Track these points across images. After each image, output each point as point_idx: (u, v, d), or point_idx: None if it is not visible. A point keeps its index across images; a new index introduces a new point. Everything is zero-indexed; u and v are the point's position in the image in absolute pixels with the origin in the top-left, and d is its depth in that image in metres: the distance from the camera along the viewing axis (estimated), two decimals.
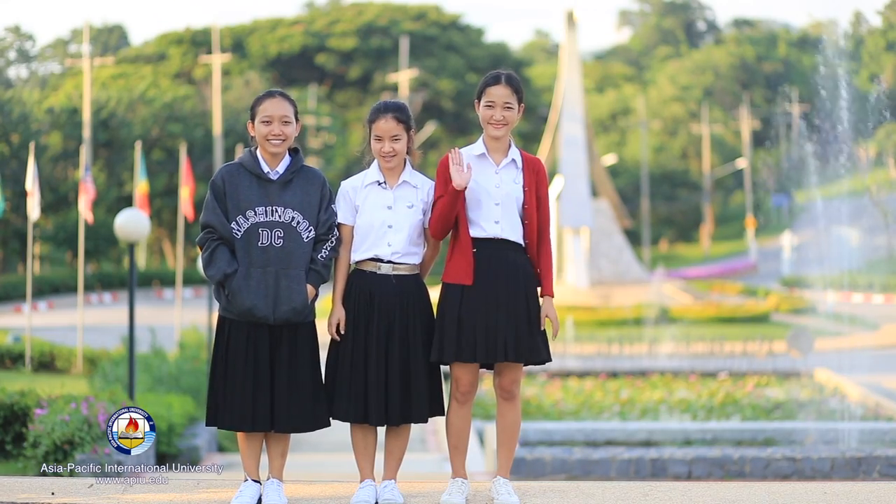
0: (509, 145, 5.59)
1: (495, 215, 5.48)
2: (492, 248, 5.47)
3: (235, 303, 5.39)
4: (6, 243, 42.36)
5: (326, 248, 5.50)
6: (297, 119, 5.52)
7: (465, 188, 5.38)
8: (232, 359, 5.43)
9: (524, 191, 5.53)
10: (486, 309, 5.41)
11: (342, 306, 5.51)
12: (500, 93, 5.50)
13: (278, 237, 5.41)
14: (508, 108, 5.51)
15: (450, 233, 5.54)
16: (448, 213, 5.42)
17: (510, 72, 5.58)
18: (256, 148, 5.53)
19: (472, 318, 5.40)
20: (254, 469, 5.50)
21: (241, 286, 5.37)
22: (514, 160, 5.57)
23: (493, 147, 5.57)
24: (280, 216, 5.41)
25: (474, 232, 5.48)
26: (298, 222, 5.43)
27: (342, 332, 5.49)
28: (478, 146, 5.59)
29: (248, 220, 5.41)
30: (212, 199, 5.46)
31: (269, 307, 5.37)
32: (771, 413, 15.96)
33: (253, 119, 5.49)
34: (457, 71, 65.06)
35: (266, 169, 5.46)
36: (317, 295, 5.51)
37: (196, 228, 6.78)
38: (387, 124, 5.51)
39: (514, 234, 5.51)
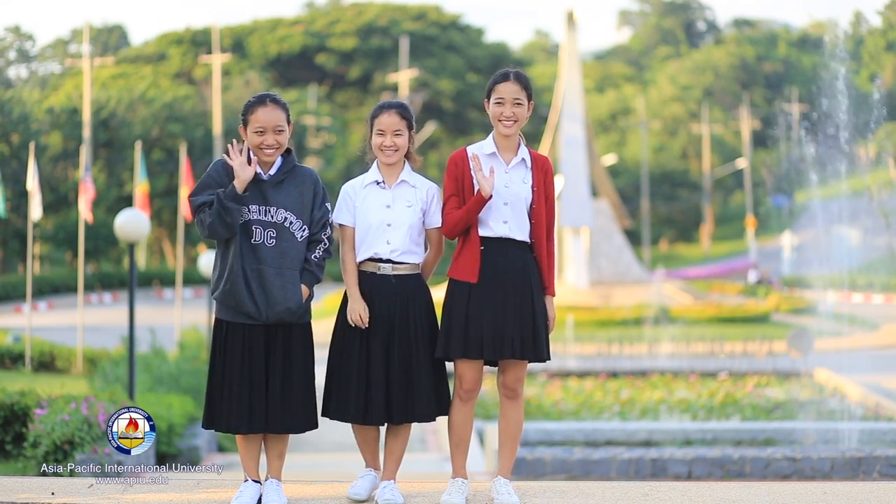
0: (519, 144, 5.59)
1: (504, 215, 5.49)
2: (499, 247, 5.48)
3: (231, 295, 5.37)
4: (6, 243, 42.36)
5: (320, 249, 5.49)
6: (289, 122, 5.50)
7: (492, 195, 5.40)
8: (228, 362, 5.42)
9: (533, 191, 5.53)
10: (494, 307, 5.42)
11: (362, 300, 5.47)
12: (509, 89, 5.50)
13: (271, 237, 5.40)
14: (518, 104, 5.51)
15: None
16: (471, 218, 5.44)
17: (518, 69, 5.59)
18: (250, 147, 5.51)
19: (479, 316, 5.42)
20: (253, 469, 5.49)
21: (235, 282, 5.37)
22: (523, 159, 5.57)
23: (504, 146, 5.57)
24: (273, 217, 5.41)
25: (483, 231, 5.49)
26: (291, 222, 5.43)
27: (359, 326, 5.44)
28: (488, 145, 5.58)
29: (242, 216, 5.41)
30: (216, 181, 5.40)
31: (262, 306, 5.36)
32: (771, 413, 15.94)
33: (245, 125, 5.46)
34: (457, 71, 65.06)
35: (258, 170, 5.46)
36: (311, 295, 5.50)
37: (195, 231, 6.62)
38: (390, 118, 5.53)
39: (522, 233, 5.51)
